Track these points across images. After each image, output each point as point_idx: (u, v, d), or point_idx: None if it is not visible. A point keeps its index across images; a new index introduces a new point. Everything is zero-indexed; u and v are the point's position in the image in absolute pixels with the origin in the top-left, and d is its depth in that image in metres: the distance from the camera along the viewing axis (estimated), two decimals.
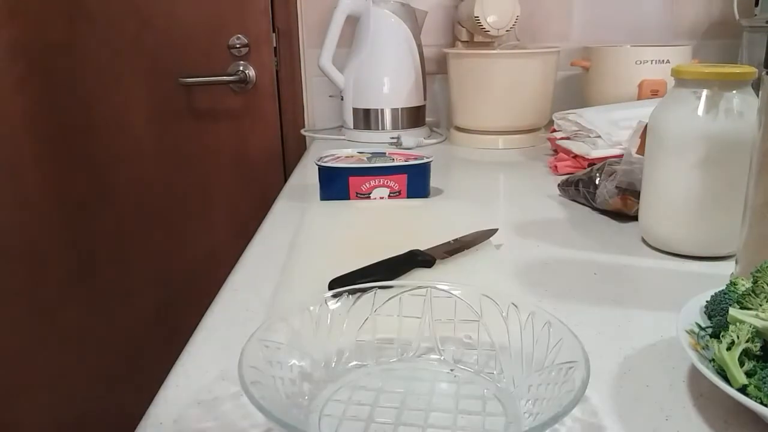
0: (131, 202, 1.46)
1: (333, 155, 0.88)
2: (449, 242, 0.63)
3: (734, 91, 0.58)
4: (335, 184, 0.82)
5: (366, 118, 1.26)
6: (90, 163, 1.43)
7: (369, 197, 0.83)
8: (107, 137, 1.41)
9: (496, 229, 0.66)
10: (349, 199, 0.83)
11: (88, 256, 1.48)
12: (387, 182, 0.83)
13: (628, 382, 0.42)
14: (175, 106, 1.41)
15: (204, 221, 1.48)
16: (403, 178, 0.83)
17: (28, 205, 1.43)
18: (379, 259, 0.58)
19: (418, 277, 0.57)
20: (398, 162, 0.84)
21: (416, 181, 0.84)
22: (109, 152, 1.42)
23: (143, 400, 0.45)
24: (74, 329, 1.51)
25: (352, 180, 0.82)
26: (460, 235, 0.64)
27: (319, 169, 0.83)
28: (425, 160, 0.85)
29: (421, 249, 0.60)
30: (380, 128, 1.25)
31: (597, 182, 0.76)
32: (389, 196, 0.83)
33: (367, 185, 0.83)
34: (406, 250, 0.60)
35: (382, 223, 0.74)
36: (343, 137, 1.30)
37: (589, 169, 0.81)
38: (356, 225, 0.73)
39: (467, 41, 1.30)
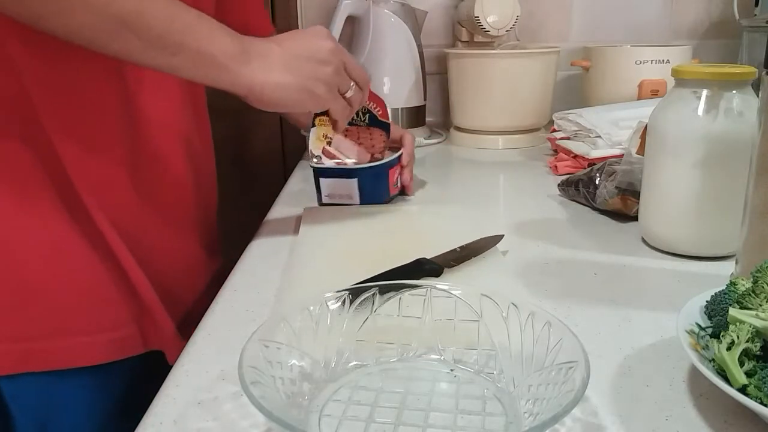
0: None
1: (318, 157, 0.78)
2: (456, 250, 0.61)
3: (734, 91, 0.58)
4: (378, 182, 0.78)
5: None
6: None
7: (396, 187, 0.81)
8: None
9: (503, 236, 0.65)
10: (389, 195, 0.80)
11: None
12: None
13: (628, 382, 0.42)
14: None
15: None
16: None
17: None
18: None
19: None
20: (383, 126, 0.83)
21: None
22: None
23: None
24: None
25: (391, 172, 0.79)
26: (466, 242, 0.63)
27: (359, 171, 0.77)
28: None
29: (427, 257, 0.59)
30: None
31: (597, 182, 0.76)
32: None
33: (396, 174, 0.81)
34: (412, 258, 0.58)
35: (381, 224, 0.74)
36: None
37: (589, 169, 0.81)
38: (355, 225, 0.73)
39: (467, 41, 1.30)
